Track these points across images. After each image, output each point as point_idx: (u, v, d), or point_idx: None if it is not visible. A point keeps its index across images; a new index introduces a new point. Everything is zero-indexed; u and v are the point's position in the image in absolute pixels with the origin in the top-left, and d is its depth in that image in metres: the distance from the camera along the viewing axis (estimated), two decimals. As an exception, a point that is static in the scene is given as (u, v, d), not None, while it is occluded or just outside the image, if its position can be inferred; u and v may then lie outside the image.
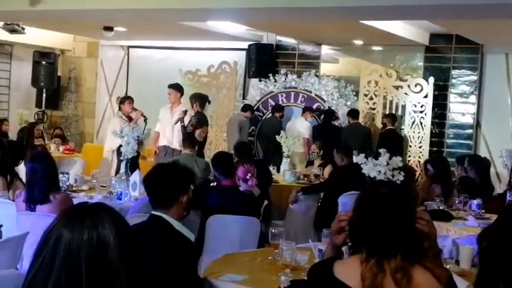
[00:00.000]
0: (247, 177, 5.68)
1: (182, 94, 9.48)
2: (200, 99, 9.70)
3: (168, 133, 9.24)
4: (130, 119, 9.26)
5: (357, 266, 2.34)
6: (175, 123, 9.10)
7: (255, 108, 11.73)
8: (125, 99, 9.65)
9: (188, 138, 7.97)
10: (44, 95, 13.73)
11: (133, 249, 1.80)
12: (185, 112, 9.15)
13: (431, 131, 11.15)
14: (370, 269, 2.31)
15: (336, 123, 10.93)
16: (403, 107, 11.29)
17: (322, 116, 11.07)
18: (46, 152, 6.48)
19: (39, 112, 13.76)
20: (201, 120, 9.25)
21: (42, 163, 4.92)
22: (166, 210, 3.38)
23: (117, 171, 7.92)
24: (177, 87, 9.46)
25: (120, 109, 9.68)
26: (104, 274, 1.70)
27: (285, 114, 11.45)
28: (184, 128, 9.02)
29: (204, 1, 7.47)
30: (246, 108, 11.28)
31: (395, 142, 10.48)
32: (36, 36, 12.59)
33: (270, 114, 11.52)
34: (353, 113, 10.87)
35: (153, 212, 3.42)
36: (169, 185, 3.46)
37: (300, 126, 10.83)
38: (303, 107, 11.37)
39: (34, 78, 13.51)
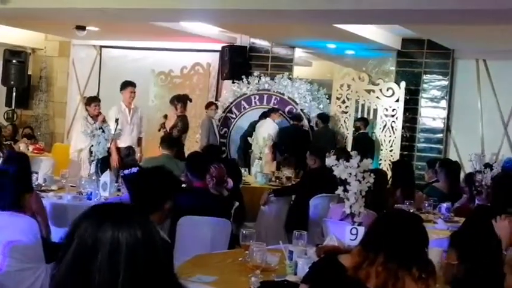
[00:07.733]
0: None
1: None
2: (183, 101, 9.61)
3: (134, 134, 9.02)
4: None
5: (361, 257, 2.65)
6: (159, 131, 8.95)
7: (227, 110, 11.69)
8: (91, 101, 9.01)
9: (166, 139, 7.87)
10: (14, 93, 13.58)
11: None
12: (165, 117, 9.05)
13: (402, 135, 11.22)
14: (388, 271, 2.58)
15: (299, 124, 10.90)
16: (375, 110, 11.36)
17: (290, 121, 11.04)
18: (19, 154, 6.22)
19: (9, 111, 13.59)
20: (185, 125, 9.18)
21: (12, 166, 4.77)
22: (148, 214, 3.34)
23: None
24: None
25: (86, 110, 9.32)
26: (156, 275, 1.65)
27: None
28: (169, 133, 8.86)
29: (176, 1, 7.44)
30: (208, 105, 11.20)
31: (368, 146, 10.54)
32: (7, 35, 12.45)
33: (263, 118, 11.17)
34: (322, 117, 10.88)
35: None
36: (154, 192, 3.42)
37: (267, 128, 10.71)
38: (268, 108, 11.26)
39: (4, 77, 13.36)
